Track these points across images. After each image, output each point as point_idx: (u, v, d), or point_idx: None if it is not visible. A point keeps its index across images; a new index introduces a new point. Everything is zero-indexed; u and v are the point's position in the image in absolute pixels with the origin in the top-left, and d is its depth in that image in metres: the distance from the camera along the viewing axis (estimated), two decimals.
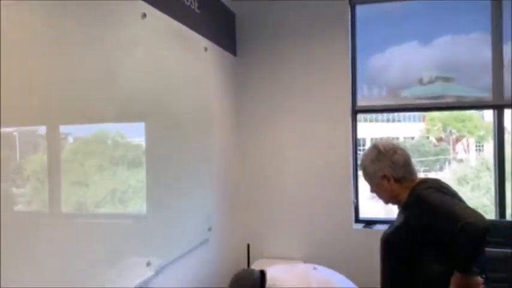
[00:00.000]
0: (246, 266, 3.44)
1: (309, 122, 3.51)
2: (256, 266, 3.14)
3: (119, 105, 1.91)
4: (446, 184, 1.85)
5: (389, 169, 1.86)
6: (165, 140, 2.34)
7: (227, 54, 3.43)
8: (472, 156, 6.02)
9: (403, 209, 1.85)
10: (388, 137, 2.02)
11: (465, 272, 1.63)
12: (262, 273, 2.68)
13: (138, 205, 2.11)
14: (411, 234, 1.75)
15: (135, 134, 2.10)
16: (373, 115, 3.84)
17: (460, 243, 1.56)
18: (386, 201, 1.96)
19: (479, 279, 1.68)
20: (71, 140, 1.66)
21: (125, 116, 1.97)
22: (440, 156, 5.60)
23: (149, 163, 2.14)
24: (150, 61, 2.16)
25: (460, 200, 1.77)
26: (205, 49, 2.91)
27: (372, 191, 1.98)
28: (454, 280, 1.64)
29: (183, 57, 2.58)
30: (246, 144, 3.63)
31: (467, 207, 1.66)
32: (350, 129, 3.48)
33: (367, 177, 1.95)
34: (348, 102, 3.47)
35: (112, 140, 1.92)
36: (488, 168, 3.92)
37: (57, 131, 1.56)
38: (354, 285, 2.80)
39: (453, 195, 1.78)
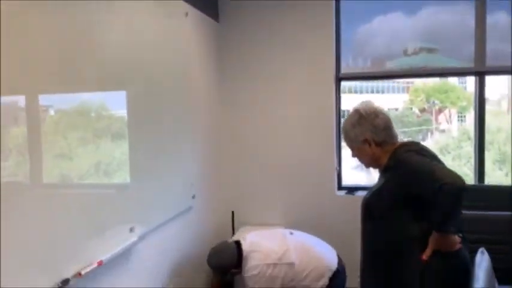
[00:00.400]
0: (230, 233, 3.48)
1: (292, 90, 3.49)
2: (240, 233, 3.18)
3: (99, 73, 1.87)
4: (426, 147, 1.87)
5: (370, 133, 1.86)
6: (146, 109, 2.30)
7: (209, 20, 3.35)
8: (454, 127, 6.10)
9: (383, 172, 1.87)
10: (369, 101, 2.01)
11: (443, 231, 1.67)
12: (238, 244, 2.73)
13: (122, 176, 2.10)
14: (390, 196, 1.78)
15: (118, 106, 2.07)
16: (357, 86, 3.84)
17: (438, 203, 1.59)
18: (368, 165, 1.97)
19: (457, 237, 1.72)
20: (52, 112, 1.62)
21: (105, 84, 1.93)
22: (423, 127, 5.66)
23: (131, 132, 2.12)
24: (130, 27, 2.10)
25: (439, 162, 1.80)
26: (186, 14, 2.84)
27: (353, 155, 1.99)
28: (432, 239, 1.68)
29: (163, 22, 2.51)
30: (229, 112, 3.61)
31: (446, 168, 1.69)
32: (334, 96, 3.48)
33: (349, 141, 1.96)
34: (331, 70, 3.46)
35: (95, 112, 1.89)
36: (469, 138, 3.98)
37: (37, 102, 1.52)
38: (328, 246, 2.87)
39: (432, 157, 1.80)
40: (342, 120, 3.54)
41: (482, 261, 1.73)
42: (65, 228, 1.63)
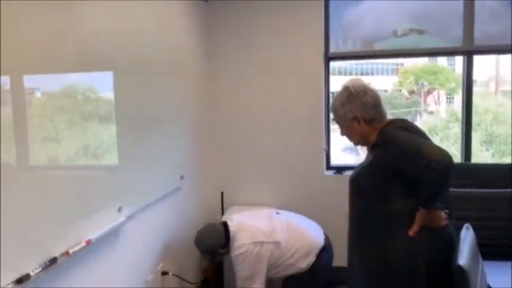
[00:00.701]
0: (220, 214, 3.49)
1: (282, 70, 3.47)
2: (229, 213, 3.19)
3: (85, 53, 1.82)
4: (414, 124, 1.88)
5: (359, 111, 1.86)
6: (134, 89, 2.27)
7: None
8: (442, 108, 6.14)
9: (372, 149, 1.88)
10: (359, 78, 2.01)
11: (429, 208, 1.69)
12: (225, 225, 2.75)
13: (111, 158, 2.08)
14: (378, 173, 1.79)
15: (105, 89, 2.03)
16: (347, 68, 3.82)
17: (425, 179, 1.60)
18: (356, 143, 1.98)
19: (443, 214, 1.74)
20: (38, 94, 1.59)
21: (91, 64, 1.89)
22: (412, 109, 5.69)
23: (119, 113, 2.09)
24: (117, 7, 2.06)
25: (426, 139, 1.81)
26: None
27: (342, 133, 1.99)
28: (419, 215, 1.70)
29: (151, 1, 2.46)
30: (217, 92, 3.58)
31: (433, 144, 1.70)
32: (323, 76, 3.47)
33: (338, 119, 1.95)
34: (320, 49, 3.44)
35: (82, 94, 1.85)
36: (457, 119, 4.01)
37: (22, 85, 1.48)
38: (315, 224, 2.90)
39: (420, 134, 1.81)
40: (331, 99, 3.54)
41: (466, 236, 1.76)
42: (53, 208, 1.61)
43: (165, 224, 2.72)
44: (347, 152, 4.80)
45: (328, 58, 3.50)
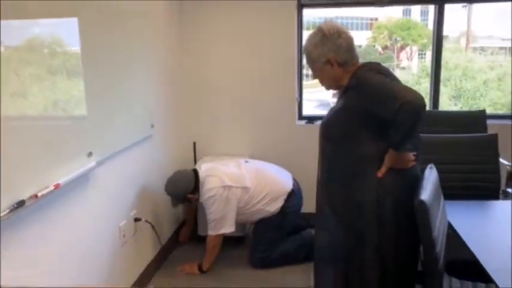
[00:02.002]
0: (192, 163, 3.49)
1: (254, 19, 3.39)
2: (201, 163, 3.20)
3: None
4: (387, 68, 1.88)
5: (333, 53, 1.84)
6: (100, 37, 2.17)
7: None
8: (414, 64, 6.21)
9: (343, 93, 1.88)
10: (332, 21, 1.97)
11: (400, 150, 1.72)
12: (195, 171, 2.80)
13: (80, 110, 2.01)
14: (350, 115, 1.79)
15: (71, 41, 1.92)
16: (321, 22, 3.72)
17: (398, 121, 1.62)
18: (328, 87, 1.97)
19: (411, 155, 1.79)
20: (2, 48, 1.49)
21: (54, 9, 1.78)
22: (385, 64, 5.69)
23: (86, 64, 2.00)
24: None
25: (399, 82, 1.81)
26: None
27: (315, 76, 1.97)
28: (388, 157, 1.74)
29: None
30: (189, 41, 3.49)
31: (406, 87, 1.71)
32: (296, 25, 3.41)
33: (311, 62, 1.93)
34: None
35: (48, 48, 1.77)
36: (427, 75, 4.04)
37: None
38: (284, 170, 2.97)
39: (393, 77, 1.82)
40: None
41: (430, 175, 1.82)
42: (21, 153, 1.57)
43: (137, 172, 2.70)
44: (320, 109, 4.84)
45: (301, 5, 3.43)
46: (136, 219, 2.63)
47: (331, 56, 1.84)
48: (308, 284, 2.67)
